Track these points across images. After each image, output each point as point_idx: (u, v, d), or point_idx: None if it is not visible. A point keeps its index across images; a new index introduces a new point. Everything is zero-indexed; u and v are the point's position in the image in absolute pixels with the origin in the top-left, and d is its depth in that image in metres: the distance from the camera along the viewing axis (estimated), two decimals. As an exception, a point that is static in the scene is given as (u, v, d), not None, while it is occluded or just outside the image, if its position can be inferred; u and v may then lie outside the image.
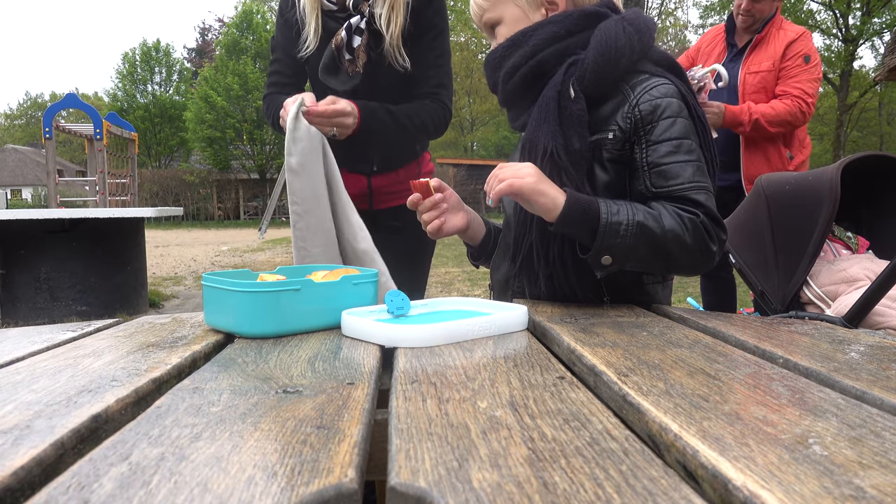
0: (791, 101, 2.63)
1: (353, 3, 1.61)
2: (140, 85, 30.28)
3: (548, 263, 1.09)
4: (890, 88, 24.57)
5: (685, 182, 1.02)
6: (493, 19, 1.19)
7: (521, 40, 1.12)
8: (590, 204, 0.99)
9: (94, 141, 7.04)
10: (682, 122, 1.05)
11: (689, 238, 0.99)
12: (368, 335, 0.84)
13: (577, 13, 1.12)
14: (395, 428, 0.49)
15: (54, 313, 4.66)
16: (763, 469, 0.40)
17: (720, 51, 2.91)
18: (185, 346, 0.82)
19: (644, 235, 0.98)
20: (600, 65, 1.05)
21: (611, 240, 0.98)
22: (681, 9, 41.23)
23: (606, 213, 0.98)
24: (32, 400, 0.58)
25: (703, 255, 1.02)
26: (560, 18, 1.12)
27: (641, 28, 1.09)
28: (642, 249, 0.99)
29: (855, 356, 0.73)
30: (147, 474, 0.41)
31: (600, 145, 1.07)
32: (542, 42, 1.10)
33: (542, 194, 0.99)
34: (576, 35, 1.10)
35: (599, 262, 1.00)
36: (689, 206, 1.01)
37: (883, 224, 2.02)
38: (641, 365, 0.67)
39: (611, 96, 1.08)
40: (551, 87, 1.09)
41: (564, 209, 0.98)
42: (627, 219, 0.98)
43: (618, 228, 0.98)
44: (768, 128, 2.64)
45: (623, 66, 1.07)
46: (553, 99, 1.07)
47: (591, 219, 0.98)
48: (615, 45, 1.05)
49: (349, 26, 1.60)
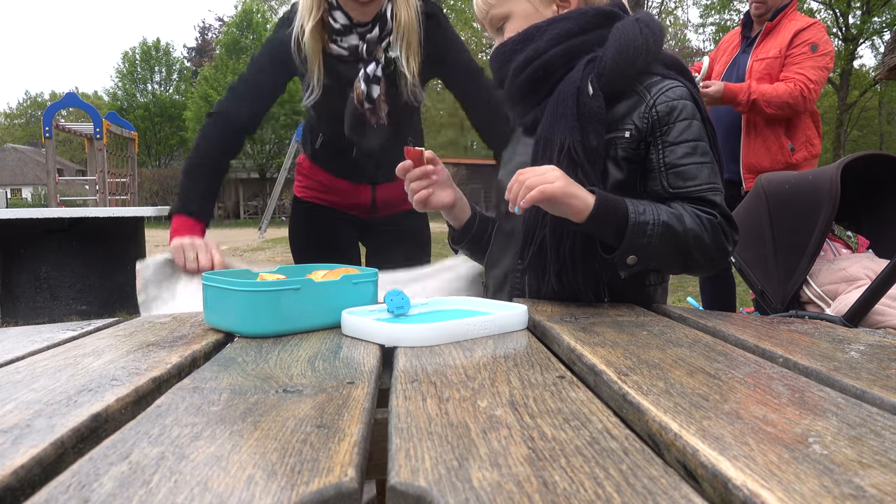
0: (793, 84, 2.63)
1: (366, 49, 1.53)
2: (140, 84, 30.29)
3: (559, 258, 1.08)
4: (890, 87, 24.56)
5: (702, 183, 1.04)
6: (501, 15, 1.17)
7: (534, 35, 1.11)
8: (618, 204, 1.00)
9: (93, 140, 7.04)
10: (697, 125, 1.06)
11: (708, 238, 1.01)
12: (368, 334, 0.84)
13: (591, 11, 1.12)
14: (395, 427, 0.49)
15: (54, 312, 4.66)
16: (763, 468, 0.40)
17: (736, 44, 2.93)
18: (185, 345, 0.82)
19: (668, 235, 0.99)
20: (619, 63, 1.05)
21: (638, 239, 0.99)
22: (681, 8, 41.21)
23: (634, 212, 0.99)
24: (32, 399, 0.58)
25: (720, 254, 1.04)
26: (575, 15, 1.11)
27: (655, 31, 1.10)
28: (666, 249, 1.00)
29: (855, 355, 0.73)
30: (147, 473, 0.41)
31: (615, 143, 1.08)
32: (556, 38, 1.09)
33: (574, 196, 0.98)
34: (589, 33, 1.10)
35: (625, 261, 1.01)
36: (707, 206, 1.03)
37: (883, 223, 2.02)
38: (641, 364, 0.67)
39: (625, 96, 1.08)
40: (569, 84, 1.08)
41: (595, 209, 0.98)
42: (653, 219, 0.99)
43: (644, 228, 0.98)
44: (766, 108, 2.63)
45: (639, 66, 1.07)
46: (571, 95, 1.07)
47: (620, 218, 0.99)
48: (633, 45, 1.06)
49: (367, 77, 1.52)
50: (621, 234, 0.99)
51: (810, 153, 2.77)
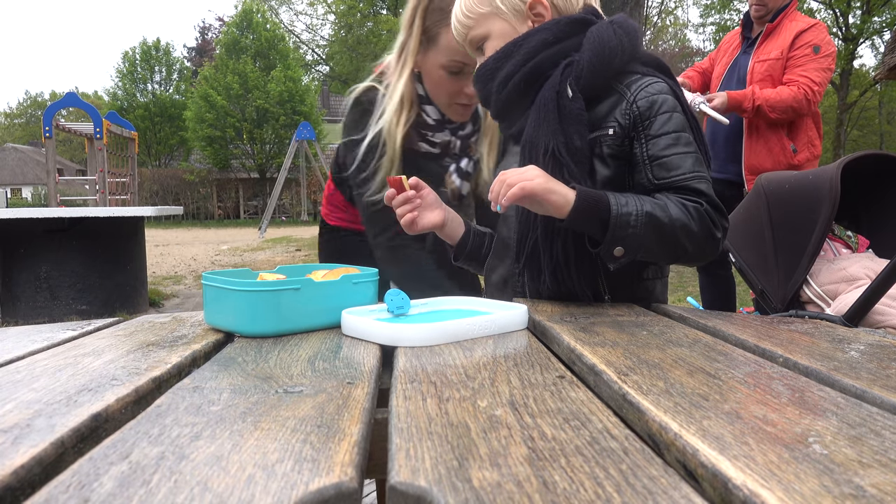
0: (797, 87, 2.62)
1: (460, 145, 1.50)
2: (140, 84, 30.25)
3: (551, 258, 1.11)
4: (890, 87, 24.56)
5: (686, 172, 1.06)
6: (480, 35, 1.20)
7: (512, 51, 1.14)
8: (599, 197, 1.02)
9: (94, 140, 7.04)
10: (678, 117, 1.09)
11: (696, 226, 1.02)
12: (368, 334, 0.84)
13: (564, 20, 1.15)
14: (395, 427, 0.49)
15: (54, 312, 4.66)
16: (763, 468, 0.40)
17: (736, 45, 2.93)
18: (185, 345, 0.82)
19: (653, 225, 1.01)
20: (595, 65, 1.08)
21: (622, 231, 1.00)
22: (681, 8, 41.20)
23: (616, 204, 1.01)
24: (32, 399, 0.58)
25: (709, 242, 1.05)
26: (549, 26, 1.14)
27: (630, 31, 1.12)
28: (652, 239, 1.02)
29: (855, 355, 0.73)
30: (147, 473, 0.41)
31: (600, 142, 1.10)
32: (533, 49, 1.12)
33: (553, 192, 1.00)
34: (565, 41, 1.13)
35: (612, 254, 1.02)
36: (692, 195, 1.04)
37: (883, 223, 2.02)
38: (641, 364, 0.67)
39: (605, 95, 1.11)
40: (549, 88, 1.11)
41: (576, 204, 1.00)
42: (636, 209, 1.01)
43: (628, 219, 1.00)
44: (770, 113, 2.63)
45: (616, 66, 1.10)
46: (552, 99, 1.09)
47: (602, 211, 1.01)
48: (609, 46, 1.09)
49: (460, 172, 1.49)
50: (605, 226, 1.01)
51: (812, 154, 2.77)
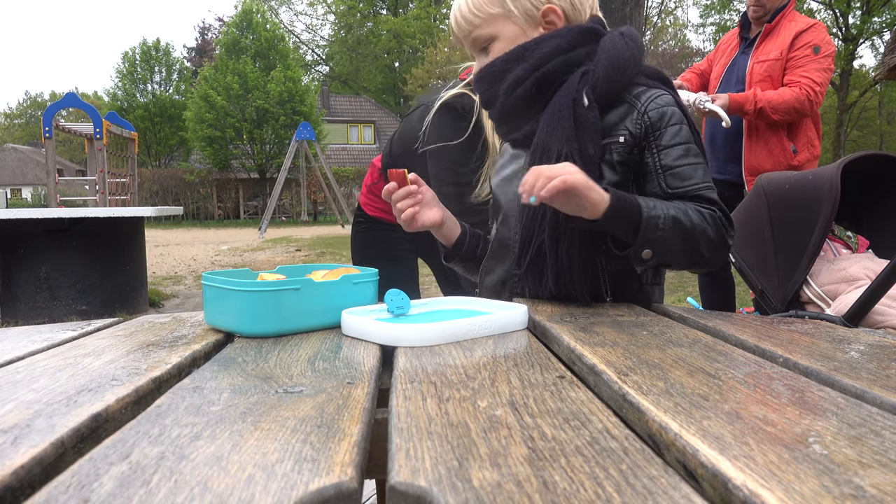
0: (799, 88, 2.62)
1: None
2: (140, 84, 30.22)
3: (557, 261, 1.11)
4: (890, 87, 24.56)
5: (699, 182, 1.09)
6: (487, 36, 1.20)
7: (523, 54, 1.15)
8: (630, 199, 1.03)
9: (93, 140, 7.03)
10: (686, 129, 1.12)
11: (712, 232, 1.06)
12: (368, 334, 0.84)
13: (577, 28, 1.16)
14: (395, 427, 0.49)
15: (54, 312, 4.66)
16: (763, 468, 0.40)
17: (734, 46, 2.92)
18: (185, 345, 0.82)
19: (678, 229, 1.03)
20: (611, 75, 1.11)
21: (651, 233, 1.02)
22: (681, 8, 41.22)
23: (646, 207, 1.02)
24: (32, 399, 0.58)
25: (723, 247, 1.08)
26: (563, 33, 1.15)
27: (638, 43, 1.16)
28: (677, 242, 1.04)
29: (855, 355, 0.73)
30: (147, 473, 0.41)
31: (610, 149, 1.12)
32: (547, 55, 1.13)
33: (592, 189, 0.99)
34: (577, 49, 1.14)
35: (640, 256, 1.04)
36: (706, 203, 1.08)
37: (883, 223, 2.02)
38: (641, 364, 0.67)
39: (616, 105, 1.13)
40: (565, 94, 1.12)
41: (612, 202, 1.01)
42: (664, 213, 1.03)
43: (657, 222, 1.02)
44: (772, 115, 2.62)
45: (628, 76, 1.13)
46: (567, 106, 1.11)
47: (633, 213, 1.02)
48: (623, 58, 1.12)
49: None
50: (636, 228, 1.02)
51: (812, 154, 2.77)
